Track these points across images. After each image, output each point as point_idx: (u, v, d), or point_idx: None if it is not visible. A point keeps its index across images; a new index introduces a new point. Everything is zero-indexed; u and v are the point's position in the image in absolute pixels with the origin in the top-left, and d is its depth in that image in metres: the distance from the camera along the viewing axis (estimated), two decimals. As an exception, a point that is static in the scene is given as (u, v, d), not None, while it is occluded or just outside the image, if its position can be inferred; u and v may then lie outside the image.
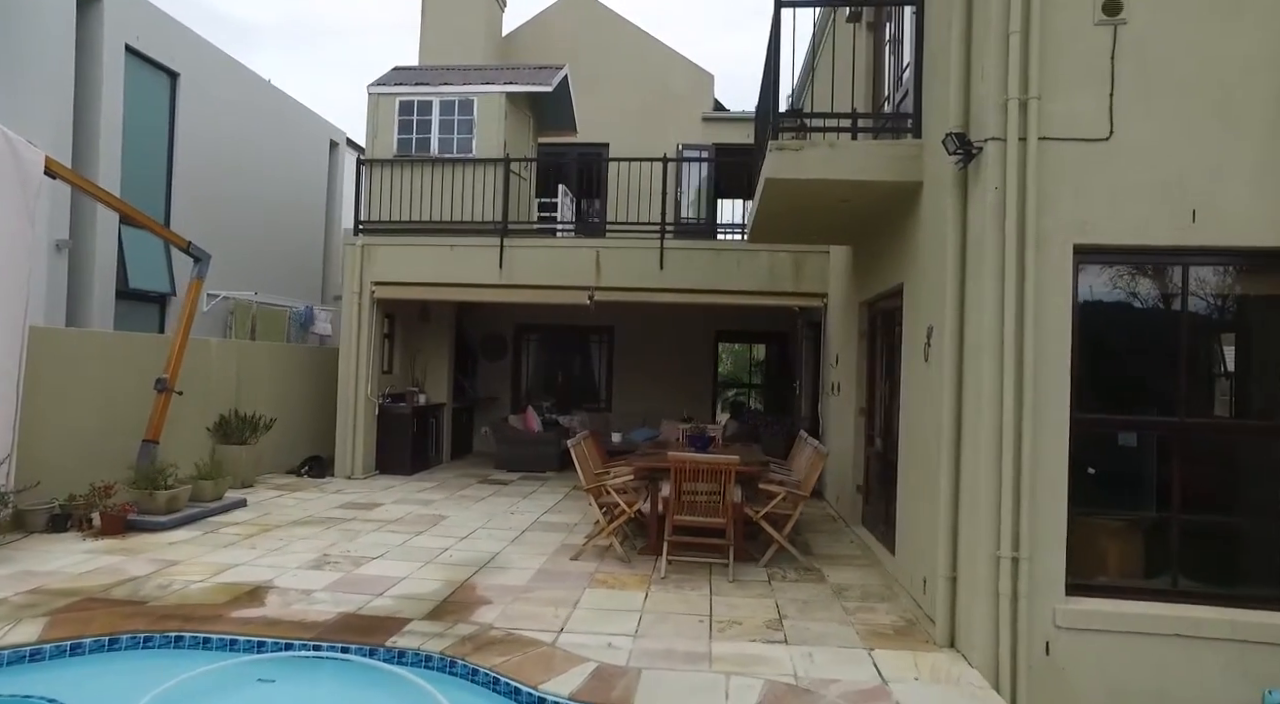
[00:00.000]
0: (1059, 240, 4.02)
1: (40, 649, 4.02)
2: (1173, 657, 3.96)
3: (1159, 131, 4.01)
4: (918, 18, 5.42)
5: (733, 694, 3.63)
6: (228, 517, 7.19)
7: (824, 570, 5.90)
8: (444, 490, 9.10)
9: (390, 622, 4.51)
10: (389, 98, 10.16)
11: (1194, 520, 4.18)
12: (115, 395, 7.30)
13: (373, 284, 9.90)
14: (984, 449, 4.03)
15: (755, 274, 9.63)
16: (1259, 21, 3.98)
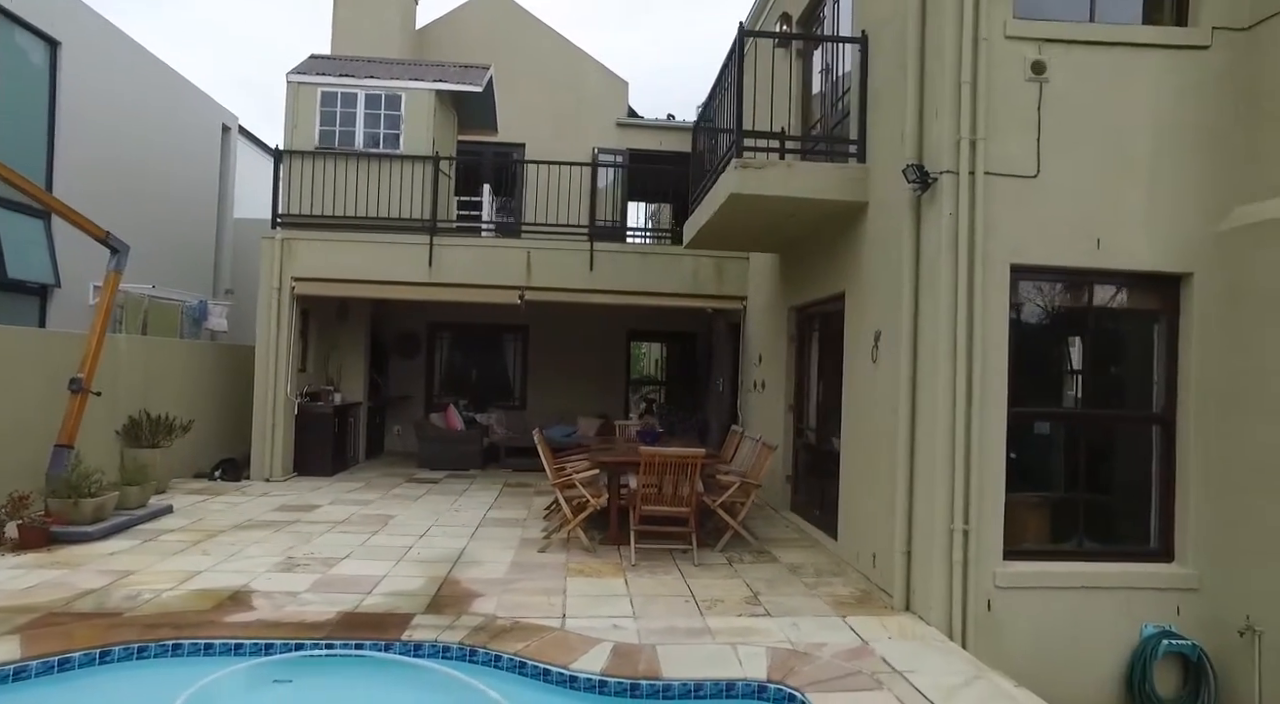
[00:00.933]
0: (999, 260, 4.76)
1: (26, 666, 3.81)
2: (1080, 604, 4.80)
3: (1073, 173, 4.84)
4: (862, 58, 6.09)
5: (744, 660, 4.06)
6: (158, 524, 6.81)
7: (774, 552, 6.48)
8: (375, 490, 8.96)
9: (393, 618, 4.59)
10: (310, 87, 9.80)
11: (1092, 494, 5.07)
12: (20, 397, 6.71)
13: (293, 280, 9.54)
14: (940, 439, 4.70)
15: (680, 277, 10.14)
16: (1144, 92, 4.90)
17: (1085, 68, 4.88)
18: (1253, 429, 4.66)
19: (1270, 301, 4.61)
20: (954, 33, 4.77)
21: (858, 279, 6.14)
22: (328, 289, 9.65)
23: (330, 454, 9.91)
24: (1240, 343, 4.77)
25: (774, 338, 8.72)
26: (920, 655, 4.21)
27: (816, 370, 7.79)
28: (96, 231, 7.07)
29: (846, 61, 6.84)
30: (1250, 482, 4.65)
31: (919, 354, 4.98)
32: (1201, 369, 4.89)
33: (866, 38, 6.06)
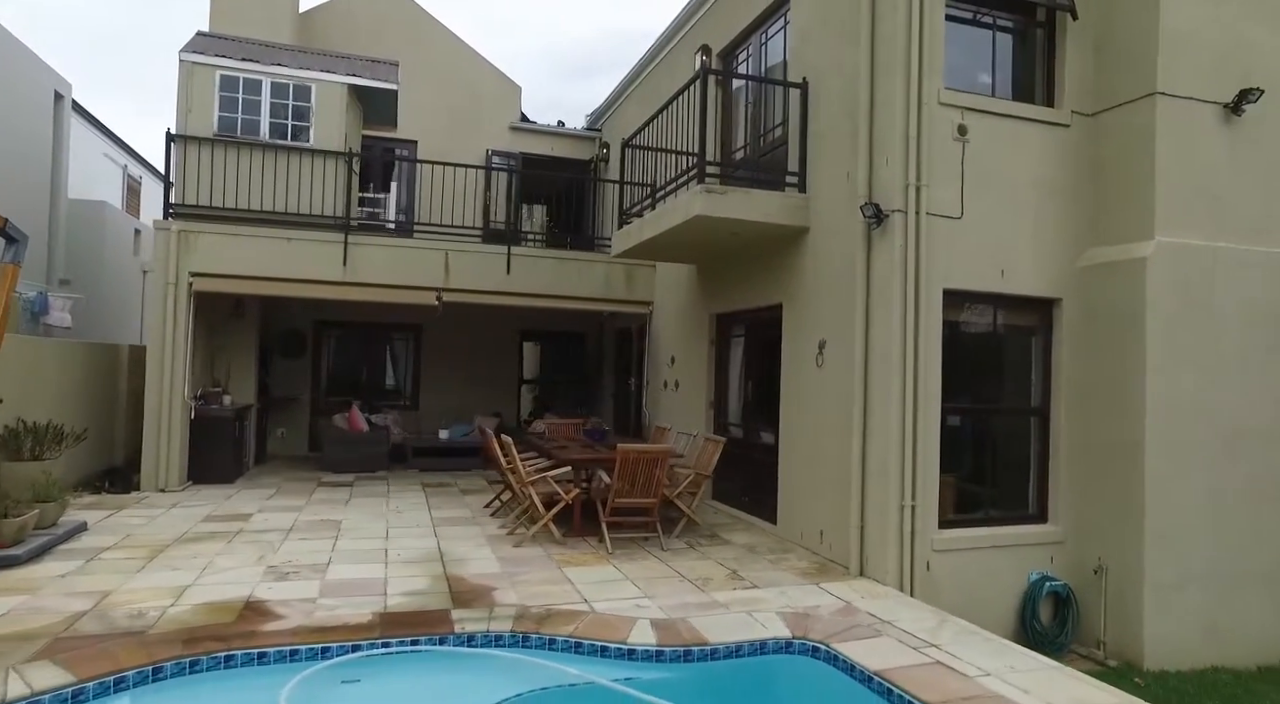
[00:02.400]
0: (935, 284, 5.86)
1: (83, 688, 3.66)
2: (989, 560, 6.05)
3: (985, 215, 6.06)
4: (802, 100, 7.02)
5: (765, 623, 4.79)
6: (81, 542, 6.26)
7: (722, 536, 7.27)
8: (293, 496, 8.63)
9: (429, 615, 4.80)
10: (207, 69, 9.14)
11: (991, 473, 6.37)
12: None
13: (191, 275, 8.89)
14: (892, 431, 5.72)
15: (593, 282, 10.67)
16: (1030, 154, 6.24)
17: (992, 132, 6.12)
18: (1099, 420, 6.15)
19: (1108, 322, 6.11)
20: (902, 97, 5.80)
21: (796, 293, 7.09)
22: (230, 286, 9.08)
23: (231, 460, 9.34)
24: (1091, 352, 6.25)
25: (691, 341, 9.53)
26: (894, 609, 5.17)
27: (741, 371, 8.70)
28: (-1, 220, 6.32)
29: (776, 99, 7.78)
30: (1098, 460, 6.13)
31: (870, 360, 5.97)
32: (1068, 372, 6.33)
33: (807, 83, 7.00)
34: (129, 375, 10.44)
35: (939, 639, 4.61)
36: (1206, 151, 6.04)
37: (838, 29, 6.61)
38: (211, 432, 9.21)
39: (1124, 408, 5.94)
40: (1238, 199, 6.14)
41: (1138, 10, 6.05)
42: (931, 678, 4.01)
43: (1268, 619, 6.08)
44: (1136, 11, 6.06)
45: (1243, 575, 6.01)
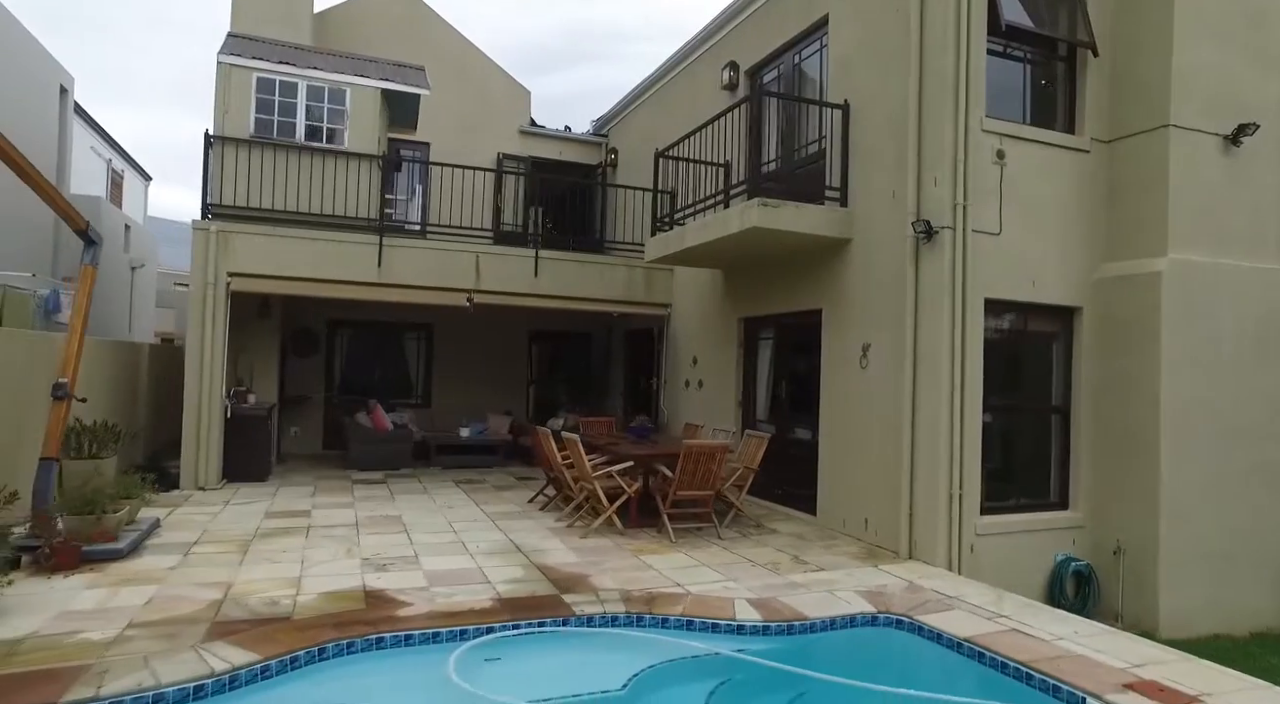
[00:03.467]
0: (978, 294, 6.46)
1: (268, 665, 3.93)
2: (1020, 543, 6.69)
3: (1018, 231, 6.69)
4: (843, 121, 7.57)
5: (847, 600, 5.30)
6: (165, 538, 6.41)
7: (768, 526, 7.77)
8: (337, 494, 8.80)
9: (544, 599, 5.16)
10: (245, 71, 9.22)
11: (1023, 464, 7.02)
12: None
13: (229, 275, 8.97)
14: (941, 426, 6.30)
15: (614, 285, 11.06)
16: (1056, 176, 6.91)
17: (1023, 156, 6.76)
18: (1116, 416, 6.86)
19: (1125, 328, 6.81)
20: (950, 124, 6.38)
21: (837, 299, 7.63)
22: (268, 286, 9.18)
23: (263, 458, 9.45)
24: (1108, 355, 6.96)
25: (717, 343, 10.01)
26: (955, 586, 5.75)
27: (770, 372, 9.22)
28: (78, 222, 6.39)
29: (809, 117, 8.31)
30: (1115, 452, 6.84)
31: (919, 361, 6.55)
32: (1087, 373, 7.03)
33: (848, 105, 7.55)
34: (147, 372, 10.42)
35: (1004, 610, 5.19)
36: (1209, 178, 6.80)
37: (880, 58, 7.17)
38: (246, 430, 9.30)
39: (1139, 406, 6.65)
40: (1233, 221, 6.92)
41: (1153, 51, 6.77)
42: (1015, 642, 4.57)
43: (1258, 592, 6.88)
44: (1151, 52, 6.78)
45: (1238, 554, 6.78)
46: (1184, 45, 6.66)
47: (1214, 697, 3.86)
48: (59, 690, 3.47)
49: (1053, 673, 4.11)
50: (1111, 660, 4.33)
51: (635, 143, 13.19)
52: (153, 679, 3.63)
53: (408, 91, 10.16)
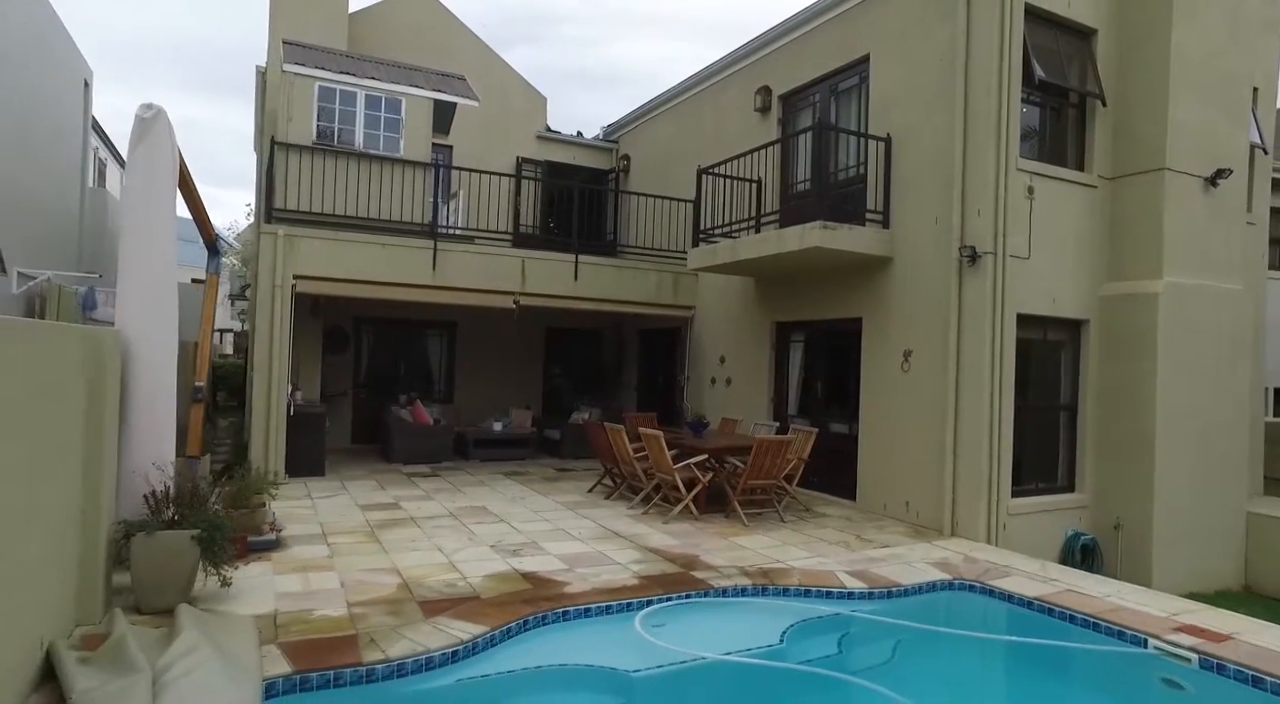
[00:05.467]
0: (1012, 309, 7.55)
1: (492, 635, 4.60)
2: (1041, 521, 7.85)
3: (1043, 256, 7.81)
4: (886, 152, 8.55)
5: (922, 569, 6.29)
6: (291, 531, 6.87)
7: (817, 511, 8.74)
8: (404, 487, 9.31)
9: (677, 576, 5.94)
10: (307, 80, 9.53)
11: (1039, 453, 8.19)
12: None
13: (294, 277, 9.32)
14: (982, 421, 7.37)
15: (645, 288, 11.82)
16: (1071, 208, 8.06)
17: (1047, 191, 7.87)
18: (1117, 414, 8.09)
19: (1126, 339, 8.04)
20: (992, 162, 7.43)
21: (877, 309, 8.64)
22: (331, 289, 9.56)
23: (322, 454, 9.85)
24: (1111, 362, 8.18)
25: (746, 344, 10.91)
26: (1002, 557, 6.82)
27: (802, 371, 10.19)
28: (210, 233, 6.76)
29: (847, 144, 9.26)
30: (1116, 444, 8.08)
31: (961, 366, 7.60)
32: (1092, 377, 8.24)
33: (890, 138, 8.53)
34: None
35: (1051, 575, 6.29)
36: (1194, 213, 8.07)
37: (922, 97, 8.17)
38: (306, 426, 9.68)
39: (1138, 405, 7.89)
40: (1212, 250, 8.23)
41: (1152, 105, 7.98)
42: (1074, 599, 5.63)
43: (1221, 559, 8.25)
44: (1151, 106, 7.99)
45: (1209, 529, 8.12)
46: (1176, 102, 7.89)
47: (1242, 634, 4.99)
48: (356, 653, 4.10)
49: (1116, 620, 5.18)
50: (1155, 611, 5.44)
51: (650, 151, 13.94)
52: (420, 647, 4.28)
53: (460, 102, 10.62)
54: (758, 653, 4.94)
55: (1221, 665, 4.46)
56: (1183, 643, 4.73)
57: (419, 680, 4.10)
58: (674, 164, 12.61)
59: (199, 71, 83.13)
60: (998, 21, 7.48)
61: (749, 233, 9.74)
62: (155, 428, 5.12)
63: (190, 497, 5.04)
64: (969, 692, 4.94)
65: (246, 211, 29.26)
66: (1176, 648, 4.69)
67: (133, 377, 4.99)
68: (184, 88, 79.52)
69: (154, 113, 5.03)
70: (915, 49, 8.34)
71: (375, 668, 4.05)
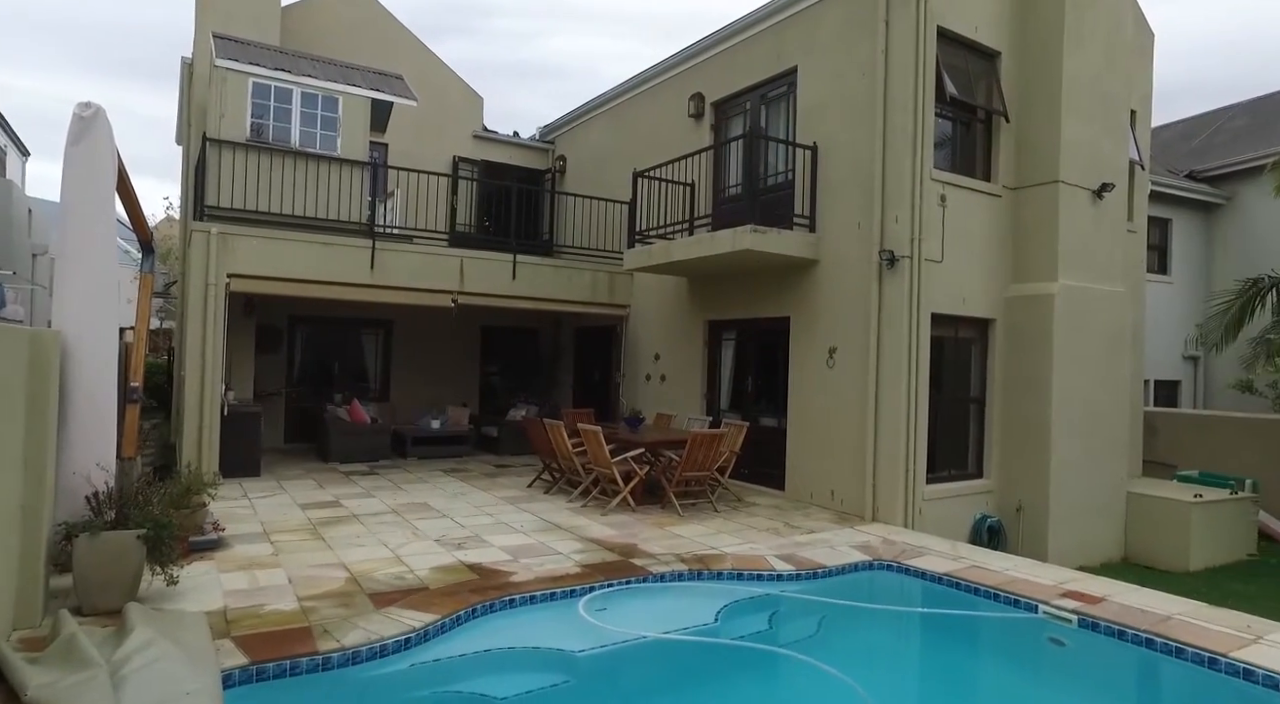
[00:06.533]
0: (927, 309, 8.14)
1: (443, 622, 4.81)
2: (953, 505, 8.49)
3: (956, 260, 8.44)
4: (812, 159, 9.05)
5: (845, 552, 6.79)
6: (231, 530, 6.86)
7: (747, 500, 9.18)
8: (343, 485, 9.31)
9: (617, 564, 6.25)
10: (240, 76, 9.40)
11: (951, 443, 8.84)
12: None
13: (228, 276, 9.20)
14: (900, 413, 7.94)
15: (582, 287, 12.08)
16: (979, 215, 8.72)
17: (957, 199, 8.50)
18: (1019, 405, 8.81)
19: (1026, 336, 8.76)
20: (909, 172, 8.00)
21: (804, 309, 9.14)
22: (267, 288, 9.46)
23: (258, 454, 9.75)
24: (1013, 357, 8.90)
25: (680, 341, 11.30)
26: (917, 539, 7.39)
27: (733, 368, 10.64)
28: (146, 233, 6.67)
29: (776, 150, 9.75)
30: (1018, 432, 8.80)
31: (881, 362, 8.15)
32: (998, 372, 8.94)
33: (816, 146, 9.04)
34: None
35: (960, 553, 6.88)
36: (1083, 223, 8.85)
37: (846, 109, 8.70)
38: (240, 426, 9.57)
39: (1036, 396, 8.61)
40: (1097, 256, 9.03)
41: (1047, 124, 8.71)
42: (978, 574, 6.21)
43: (1105, 534, 9.08)
44: (1046, 125, 8.72)
45: (1091, 508, 8.92)
46: (1067, 121, 8.64)
47: (1113, 596, 5.63)
48: (311, 643, 4.26)
49: (1012, 590, 5.76)
50: (1045, 581, 6.05)
51: (586, 152, 14.19)
52: (374, 635, 4.46)
53: (398, 102, 10.63)
54: (694, 631, 5.30)
55: (1095, 623, 5.08)
56: (1066, 606, 5.34)
57: (374, 667, 4.29)
58: (610, 166, 12.90)
59: (93, 49, 77.99)
60: (913, 42, 8.06)
61: (683, 235, 10.14)
62: (96, 428, 5.12)
63: (135, 497, 5.07)
64: (886, 659, 5.43)
65: (166, 205, 28.10)
66: (1061, 611, 5.28)
67: (72, 377, 4.97)
68: (76, 66, 74.12)
69: (93, 112, 5.02)
70: (839, 64, 8.87)
71: (331, 656, 4.21)
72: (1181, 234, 15.69)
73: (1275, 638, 4.87)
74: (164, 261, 20.06)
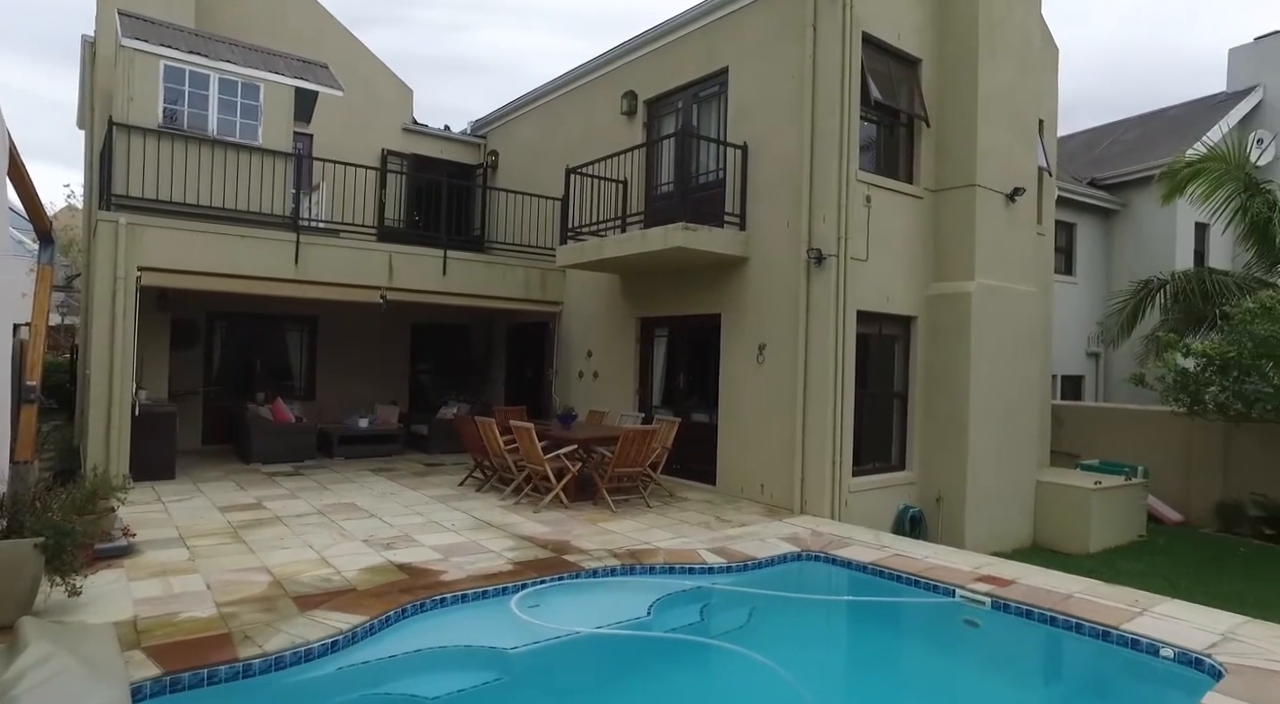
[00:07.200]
0: (853, 306, 8.41)
1: (371, 623, 4.72)
2: (878, 496, 8.79)
3: (880, 259, 8.73)
4: (742, 159, 9.22)
5: (774, 544, 6.95)
6: (144, 536, 6.53)
7: (680, 495, 9.29)
8: (266, 487, 8.97)
9: (550, 560, 6.24)
10: (151, 59, 8.92)
11: (876, 436, 9.16)
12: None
13: (139, 269, 8.74)
14: (827, 408, 8.18)
15: (514, 284, 11.97)
16: (903, 216, 9.05)
17: (882, 200, 8.80)
18: (938, 399, 9.20)
19: (945, 333, 9.14)
20: (836, 174, 8.23)
21: (735, 306, 9.31)
22: (182, 282, 9.02)
23: (172, 457, 9.30)
24: (934, 353, 9.28)
25: (613, 338, 11.33)
26: (844, 530, 7.63)
27: (665, 365, 10.74)
28: (44, 223, 6.27)
29: (707, 149, 9.88)
30: (938, 426, 9.18)
31: (809, 358, 8.38)
32: (920, 367, 9.30)
33: (747, 146, 9.21)
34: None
35: (884, 543, 7.14)
36: (997, 225, 9.29)
37: (775, 110, 8.89)
38: (153, 427, 9.11)
39: (954, 391, 9.01)
40: (1009, 256, 9.50)
41: (964, 131, 9.11)
42: (901, 562, 6.46)
43: (1016, 522, 9.58)
44: (963, 131, 9.12)
45: (1004, 497, 9.39)
46: (983, 128, 9.06)
47: (1022, 578, 5.96)
48: (231, 650, 4.10)
49: (930, 576, 6.03)
50: (962, 567, 6.35)
51: (519, 148, 14.06)
52: (299, 639, 4.33)
53: (323, 91, 10.28)
54: (627, 625, 5.35)
55: (1006, 605, 5.37)
56: (980, 590, 5.62)
57: (298, 672, 4.17)
58: (542, 161, 12.83)
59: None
60: (840, 46, 8.30)
61: (615, 232, 10.17)
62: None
63: (31, 503, 4.78)
64: (814, 645, 5.59)
65: (67, 194, 26.43)
66: (975, 594, 5.56)
67: (-37, 376, 4.65)
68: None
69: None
70: (769, 66, 9.05)
71: (252, 663, 4.08)
72: (1085, 237, 16.64)
73: (1158, 610, 5.27)
74: (65, 253, 18.90)
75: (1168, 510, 11.18)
